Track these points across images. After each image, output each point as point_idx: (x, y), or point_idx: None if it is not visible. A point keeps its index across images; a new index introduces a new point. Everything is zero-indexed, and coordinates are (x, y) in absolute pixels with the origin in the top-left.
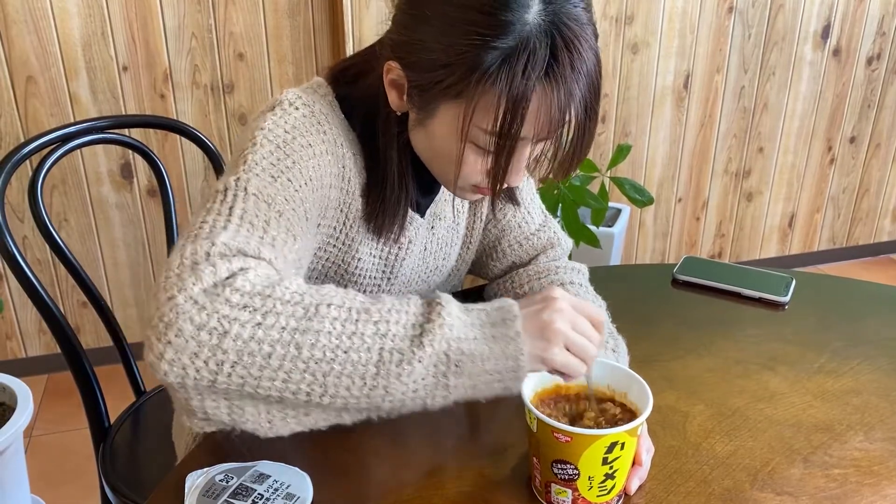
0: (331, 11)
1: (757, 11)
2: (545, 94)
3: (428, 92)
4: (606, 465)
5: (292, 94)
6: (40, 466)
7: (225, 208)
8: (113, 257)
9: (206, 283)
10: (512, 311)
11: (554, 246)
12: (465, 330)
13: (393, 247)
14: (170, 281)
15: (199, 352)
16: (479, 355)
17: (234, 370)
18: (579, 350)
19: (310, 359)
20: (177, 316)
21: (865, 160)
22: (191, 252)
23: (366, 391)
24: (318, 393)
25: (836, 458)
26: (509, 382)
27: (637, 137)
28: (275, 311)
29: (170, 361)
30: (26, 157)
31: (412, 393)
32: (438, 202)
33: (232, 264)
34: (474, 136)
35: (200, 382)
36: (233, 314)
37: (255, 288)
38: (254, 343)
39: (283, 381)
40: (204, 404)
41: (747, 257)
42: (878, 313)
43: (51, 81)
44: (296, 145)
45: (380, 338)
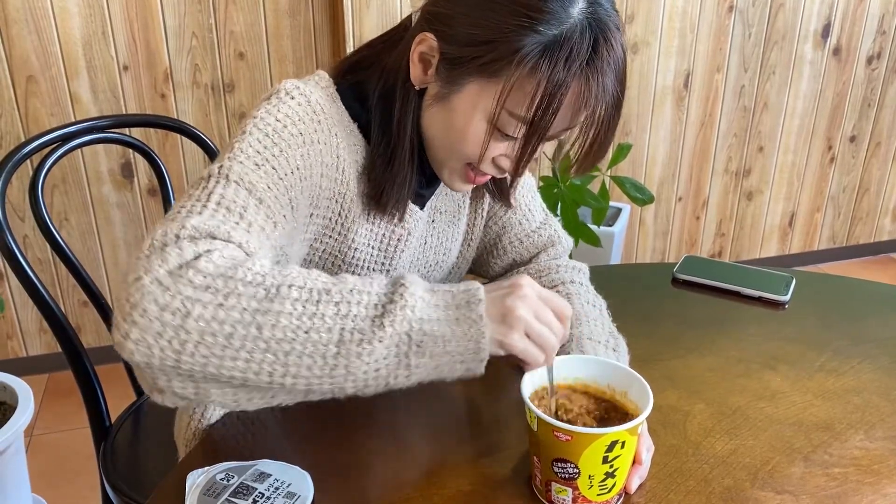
0: (331, 11)
1: (757, 10)
2: (584, 86)
3: (461, 66)
4: (607, 464)
5: (290, 84)
6: (41, 466)
7: (204, 194)
8: (113, 256)
9: (172, 265)
10: (477, 294)
11: (554, 244)
12: (427, 311)
13: (392, 237)
14: (139, 262)
15: (163, 332)
16: (440, 336)
17: (196, 350)
18: (538, 338)
19: (270, 339)
20: (142, 296)
21: (865, 159)
22: (161, 234)
23: (327, 370)
24: (280, 373)
25: (837, 456)
26: (472, 364)
27: (637, 136)
28: (236, 292)
29: (135, 341)
30: (27, 156)
31: (374, 372)
32: (439, 196)
33: (198, 246)
34: (502, 120)
35: (165, 362)
36: (195, 295)
37: (219, 269)
38: (215, 323)
39: (245, 360)
40: (171, 384)
41: (747, 256)
42: (879, 312)
43: (51, 81)
44: (285, 134)
45: (341, 318)
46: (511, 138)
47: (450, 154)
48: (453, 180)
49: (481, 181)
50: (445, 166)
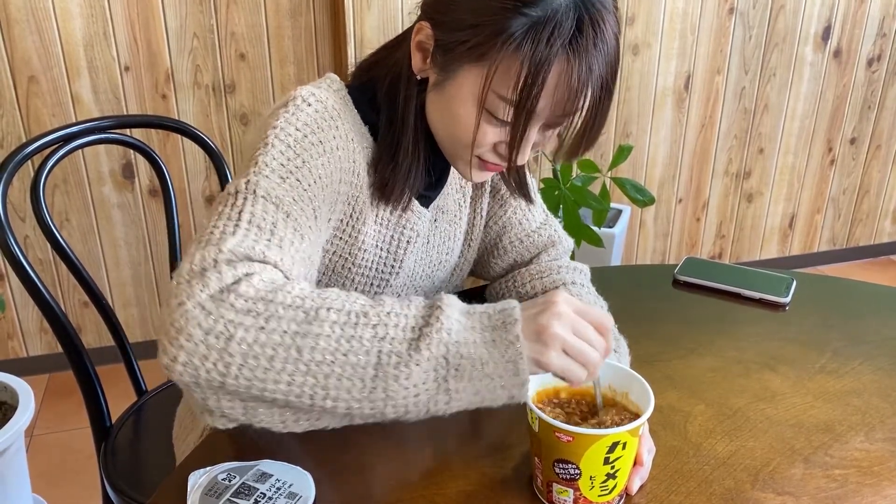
0: (332, 12)
1: (758, 13)
2: (567, 65)
3: (452, 52)
4: (608, 465)
5: (306, 90)
6: (41, 466)
7: (234, 213)
8: (114, 257)
9: (213, 290)
10: (513, 314)
11: (555, 244)
12: (464, 334)
13: (400, 239)
14: (180, 287)
15: (208, 355)
16: (477, 359)
17: (240, 372)
18: (578, 355)
19: (310, 361)
20: (186, 322)
21: (866, 161)
22: (199, 259)
23: (366, 393)
24: (321, 396)
25: (837, 458)
26: (513, 389)
27: (638, 138)
28: (277, 315)
29: (183, 364)
30: (28, 156)
31: (413, 397)
32: (442, 196)
33: (237, 270)
34: (492, 103)
35: (212, 383)
36: (237, 319)
37: (259, 293)
38: (257, 346)
39: (286, 383)
40: (220, 404)
41: (747, 258)
42: (879, 314)
43: (53, 81)
44: (306, 143)
45: (378, 341)
46: (505, 123)
47: (454, 143)
48: (470, 171)
49: (495, 169)
50: (458, 158)
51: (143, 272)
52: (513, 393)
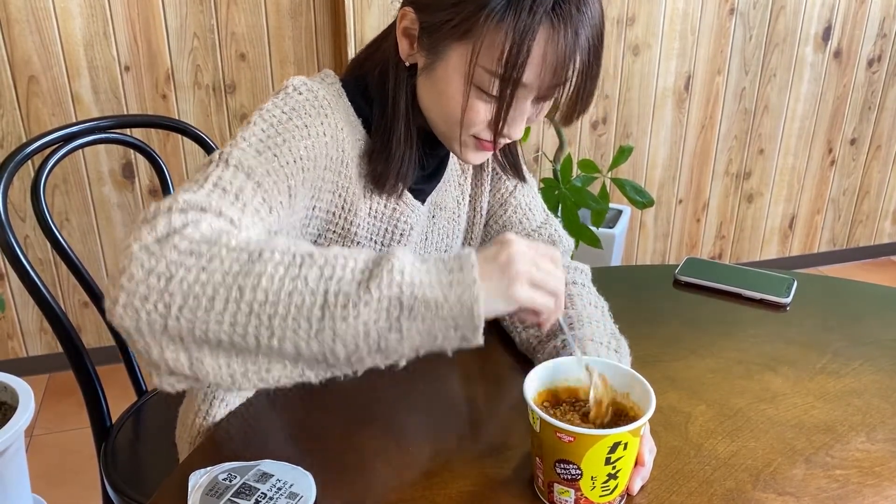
0: (333, 13)
1: (758, 13)
2: (552, 33)
3: (437, 32)
4: (609, 466)
5: (298, 80)
6: (41, 466)
7: (202, 177)
8: (114, 257)
9: (160, 233)
10: (469, 258)
11: (555, 244)
12: (418, 276)
13: (394, 232)
14: (131, 234)
15: (149, 295)
16: (432, 300)
17: (181, 313)
18: (544, 284)
19: (252, 301)
20: (129, 262)
21: (866, 162)
22: (154, 208)
23: (313, 333)
24: (266, 335)
25: (838, 458)
26: (467, 332)
27: (638, 139)
28: (219, 256)
29: (123, 305)
30: (29, 156)
31: (363, 335)
32: (439, 192)
33: (187, 217)
34: (479, 78)
35: (153, 326)
36: (179, 259)
37: (204, 236)
38: (198, 286)
39: (229, 324)
40: (164, 354)
41: (748, 259)
42: (880, 314)
43: (53, 81)
44: (290, 126)
45: (324, 281)
46: (493, 97)
47: (447, 124)
48: (465, 153)
49: (491, 148)
50: (452, 139)
51: None
52: (466, 334)
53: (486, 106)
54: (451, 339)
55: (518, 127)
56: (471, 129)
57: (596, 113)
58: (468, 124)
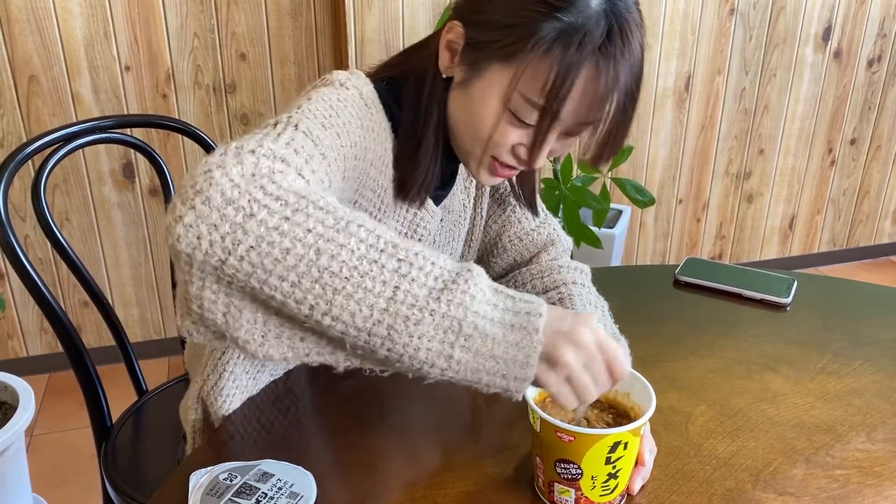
0: (333, 13)
1: (758, 13)
2: (595, 71)
3: (482, 51)
4: (609, 465)
5: (342, 74)
6: (41, 465)
7: (274, 133)
8: (114, 256)
9: (247, 171)
10: (539, 309)
11: (554, 243)
12: (486, 307)
13: (413, 236)
14: (210, 161)
15: (220, 225)
16: (491, 336)
17: (247, 255)
18: (578, 389)
19: (325, 269)
20: (209, 185)
21: (866, 162)
22: (236, 146)
23: (369, 325)
24: (322, 309)
25: (839, 458)
26: (512, 382)
27: (638, 139)
28: (306, 211)
29: (187, 225)
30: (29, 156)
31: (413, 350)
32: (449, 196)
33: (274, 164)
34: (516, 103)
35: (210, 259)
36: (265, 200)
37: (293, 186)
38: (276, 234)
39: (291, 283)
40: (203, 293)
41: (748, 259)
42: (880, 314)
43: (53, 81)
44: (346, 113)
45: (399, 276)
46: (526, 125)
47: (472, 142)
48: (480, 173)
49: (506, 175)
50: (472, 157)
51: (143, 272)
52: (510, 386)
53: (515, 131)
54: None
55: (542, 157)
56: (494, 150)
57: None
58: (493, 146)
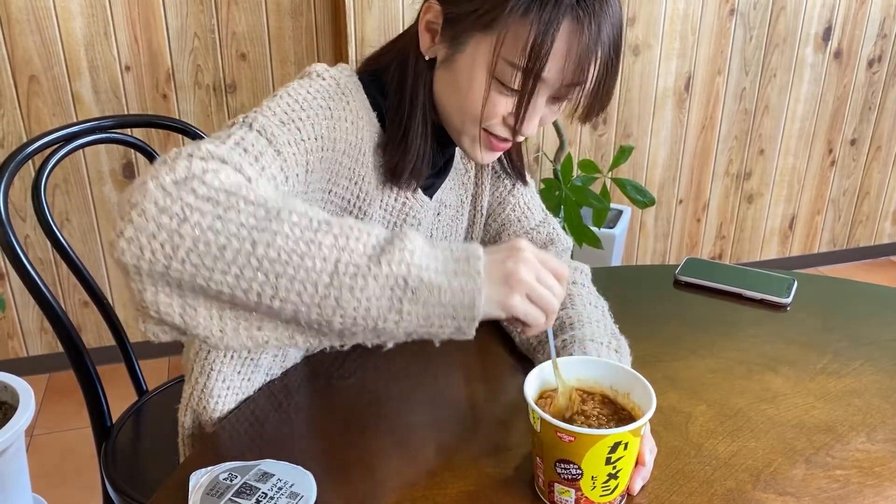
0: (333, 12)
1: (758, 14)
2: (575, 26)
3: (461, 24)
4: (610, 465)
5: (321, 66)
6: (41, 466)
7: (225, 134)
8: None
9: (178, 175)
10: (477, 252)
11: (554, 242)
12: (426, 259)
13: (403, 226)
14: (145, 173)
15: (157, 233)
16: (437, 286)
17: (188, 257)
18: (540, 300)
19: (263, 257)
20: (143, 198)
21: (866, 162)
22: (174, 152)
23: (317, 300)
24: (269, 294)
25: (839, 458)
26: (463, 323)
27: (638, 139)
28: (237, 207)
29: (128, 239)
30: (30, 156)
31: (364, 311)
32: (444, 190)
33: (208, 164)
34: (501, 70)
35: (155, 267)
36: (196, 203)
37: (223, 185)
38: (211, 233)
39: (234, 276)
40: (157, 298)
41: (748, 259)
42: (880, 315)
43: (53, 81)
44: (314, 105)
45: (338, 250)
46: (515, 92)
47: (462, 117)
48: (475, 149)
49: (502, 148)
50: (465, 134)
51: None
52: (461, 325)
53: (504, 99)
54: (446, 328)
55: (533, 124)
56: (487, 122)
57: None
58: (486, 118)
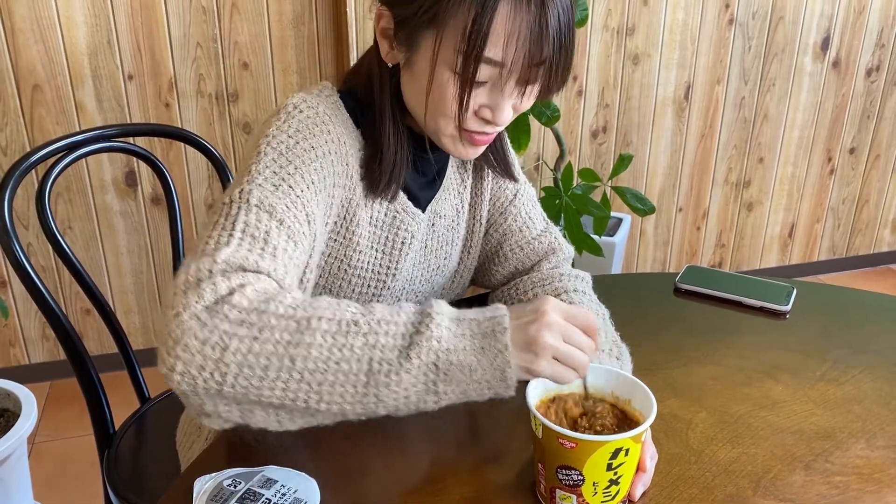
0: (335, 22)
1: (757, 23)
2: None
3: (410, 23)
4: (611, 471)
5: (297, 97)
6: (43, 473)
7: (229, 223)
8: (117, 264)
9: (208, 301)
10: (502, 323)
11: (556, 251)
12: (454, 341)
13: (395, 240)
14: (176, 298)
15: (205, 364)
16: (466, 366)
17: (236, 381)
18: (568, 360)
19: (304, 370)
20: (182, 333)
21: (865, 171)
22: (195, 270)
23: (358, 398)
24: (315, 400)
25: (838, 465)
26: (499, 390)
27: (638, 147)
28: (269, 325)
29: (181, 374)
30: (34, 165)
31: (403, 399)
32: (439, 200)
33: (231, 281)
34: (448, 59)
35: (209, 391)
36: (231, 329)
37: (252, 304)
38: (251, 356)
39: (282, 389)
40: (217, 409)
41: (748, 267)
42: (879, 322)
43: (57, 90)
44: (298, 150)
45: (369, 349)
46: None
47: (434, 117)
48: (457, 147)
49: (484, 141)
50: (443, 134)
51: (144, 280)
52: (498, 393)
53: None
54: (484, 396)
55: (503, 113)
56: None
57: (596, 122)
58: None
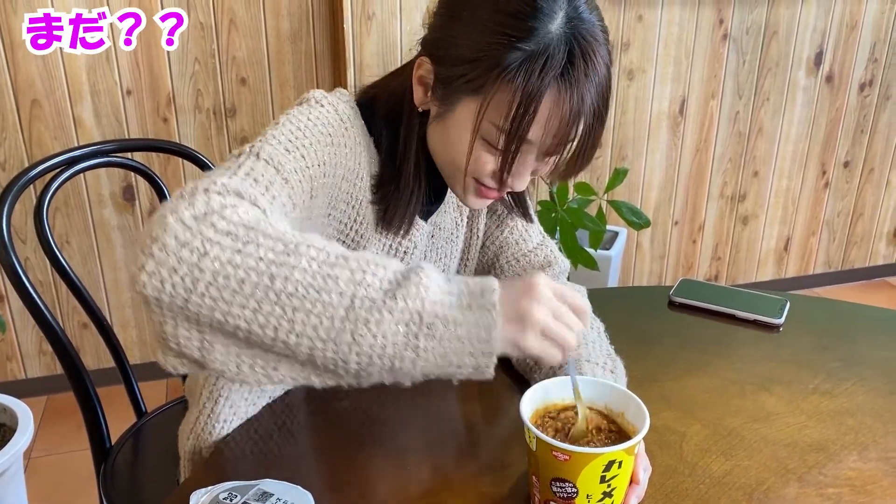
0: (332, 38)
1: (751, 38)
2: (558, 95)
3: (451, 85)
4: (604, 484)
5: (319, 93)
6: (39, 488)
7: (234, 165)
8: (114, 279)
9: (198, 210)
10: (491, 285)
11: (551, 264)
12: (442, 295)
13: (398, 249)
14: (166, 206)
15: (178, 267)
16: (451, 320)
17: (207, 291)
18: (557, 337)
19: (281, 291)
20: (164, 231)
21: (859, 184)
22: (191, 187)
23: (333, 335)
24: (286, 329)
25: (831, 477)
26: (480, 358)
27: (633, 161)
28: (256, 241)
29: (149, 273)
30: (32, 180)
31: (380, 348)
32: (440, 213)
33: (225, 199)
34: (487, 131)
35: (175, 300)
36: (216, 238)
37: (242, 219)
38: (230, 267)
39: (252, 310)
40: (177, 332)
41: (743, 280)
42: (873, 335)
43: (55, 105)
44: (315, 131)
45: (354, 284)
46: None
47: (452, 170)
48: (467, 197)
49: (493, 196)
50: (456, 182)
51: None
52: (479, 362)
53: (491, 158)
54: (463, 367)
55: (522, 179)
56: (475, 174)
57: None
58: (471, 173)
